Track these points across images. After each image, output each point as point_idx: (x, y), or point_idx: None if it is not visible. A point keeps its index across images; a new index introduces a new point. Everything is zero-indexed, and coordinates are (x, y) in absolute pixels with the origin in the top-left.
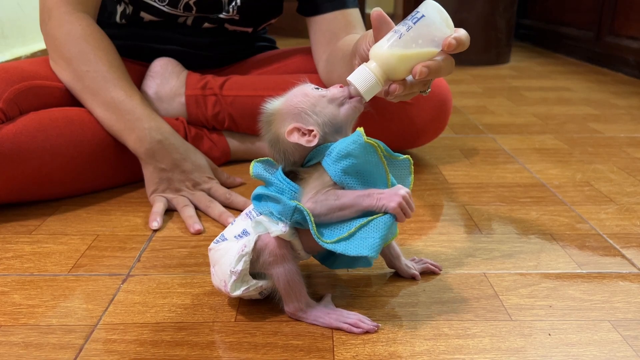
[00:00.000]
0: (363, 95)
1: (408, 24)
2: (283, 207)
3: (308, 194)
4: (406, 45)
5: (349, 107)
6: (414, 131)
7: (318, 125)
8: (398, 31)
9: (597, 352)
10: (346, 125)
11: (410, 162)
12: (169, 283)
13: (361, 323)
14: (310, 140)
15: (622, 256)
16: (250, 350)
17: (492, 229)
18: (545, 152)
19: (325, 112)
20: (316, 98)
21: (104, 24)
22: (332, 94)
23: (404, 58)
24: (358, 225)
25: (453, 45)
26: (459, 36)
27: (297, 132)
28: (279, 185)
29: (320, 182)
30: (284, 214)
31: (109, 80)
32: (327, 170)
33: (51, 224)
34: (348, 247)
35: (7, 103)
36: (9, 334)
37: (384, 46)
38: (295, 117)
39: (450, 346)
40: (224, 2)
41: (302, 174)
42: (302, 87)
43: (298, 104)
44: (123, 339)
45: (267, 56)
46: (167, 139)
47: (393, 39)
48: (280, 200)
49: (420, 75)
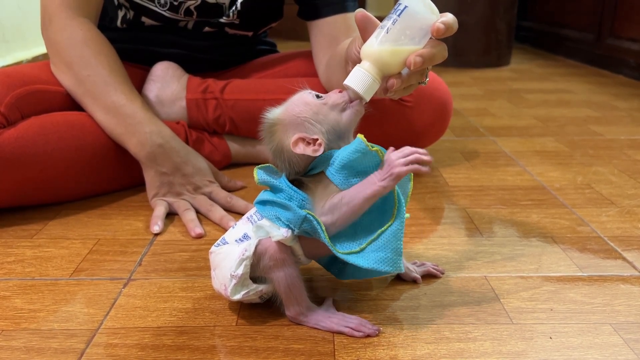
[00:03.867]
0: (363, 97)
1: (392, 17)
2: (293, 215)
3: (318, 205)
4: (395, 38)
5: (350, 112)
6: (414, 134)
7: (322, 134)
8: (384, 26)
9: (599, 355)
10: (349, 130)
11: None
12: (170, 287)
13: (362, 327)
14: (317, 149)
15: (623, 259)
16: (251, 354)
17: (493, 231)
18: (546, 155)
19: (327, 120)
20: (318, 106)
21: (105, 28)
22: (333, 100)
23: (396, 51)
24: (369, 241)
25: (442, 29)
26: (446, 20)
27: (302, 142)
28: (288, 192)
29: (328, 193)
30: (293, 222)
31: (110, 85)
32: (333, 180)
33: (52, 228)
34: (359, 259)
35: (8, 107)
36: (10, 339)
37: (373, 44)
38: (298, 127)
39: (452, 350)
40: (224, 7)
41: (307, 182)
42: (302, 95)
43: (300, 113)
44: (124, 343)
45: (268, 60)
46: (168, 142)
47: (381, 35)
48: (290, 208)
49: (415, 65)
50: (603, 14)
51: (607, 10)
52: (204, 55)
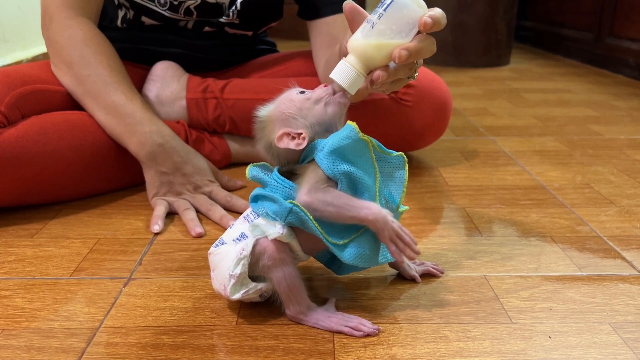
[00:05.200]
0: (347, 90)
1: (379, 11)
2: (279, 207)
3: (303, 188)
4: (381, 32)
5: (334, 104)
6: (414, 134)
7: (307, 128)
8: (370, 20)
9: (598, 354)
10: (335, 122)
11: (404, 159)
12: (171, 286)
13: (362, 326)
14: (300, 143)
15: (622, 258)
16: (251, 353)
17: (492, 231)
18: (546, 154)
19: (312, 114)
20: (301, 102)
21: (105, 28)
22: (317, 94)
23: (381, 45)
24: (352, 237)
25: (429, 23)
26: (434, 14)
27: (287, 136)
28: (273, 184)
29: (314, 175)
30: (278, 214)
31: (110, 84)
32: (320, 165)
33: (53, 228)
34: (341, 252)
35: (8, 107)
36: (11, 338)
37: (358, 37)
38: (283, 122)
39: (451, 349)
40: (224, 7)
41: (298, 171)
42: (288, 93)
43: (285, 109)
44: (125, 342)
45: (268, 59)
46: (168, 142)
47: (366, 29)
48: (277, 200)
49: (400, 58)
50: (603, 14)
51: (606, 10)
52: (204, 55)
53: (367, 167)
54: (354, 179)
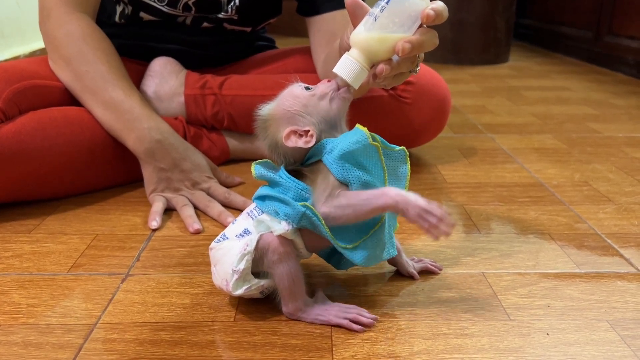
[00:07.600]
0: (351, 84)
1: (381, 4)
2: (292, 211)
3: (319, 198)
4: (383, 25)
5: (339, 99)
6: (413, 131)
7: (313, 125)
8: (372, 14)
9: (595, 351)
10: (340, 118)
11: (406, 153)
12: (168, 282)
13: (360, 317)
14: (309, 140)
15: (620, 256)
16: (249, 349)
17: (490, 228)
18: (544, 152)
19: (317, 110)
20: (306, 98)
21: (103, 23)
22: (321, 90)
23: (384, 39)
24: (362, 239)
25: (432, 16)
26: (436, 7)
27: (294, 135)
28: (284, 184)
29: (327, 183)
30: (291, 217)
31: (108, 80)
32: (330, 169)
33: (50, 224)
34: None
35: (6, 102)
36: (8, 333)
37: (361, 31)
38: (289, 120)
39: (449, 346)
40: (222, 2)
41: (306, 172)
42: (291, 89)
43: (290, 107)
44: (122, 339)
45: (267, 56)
46: (166, 138)
47: (369, 22)
48: (289, 202)
49: (404, 51)
50: (601, 12)
51: (605, 8)
52: (203, 51)
53: (376, 171)
54: (364, 183)
